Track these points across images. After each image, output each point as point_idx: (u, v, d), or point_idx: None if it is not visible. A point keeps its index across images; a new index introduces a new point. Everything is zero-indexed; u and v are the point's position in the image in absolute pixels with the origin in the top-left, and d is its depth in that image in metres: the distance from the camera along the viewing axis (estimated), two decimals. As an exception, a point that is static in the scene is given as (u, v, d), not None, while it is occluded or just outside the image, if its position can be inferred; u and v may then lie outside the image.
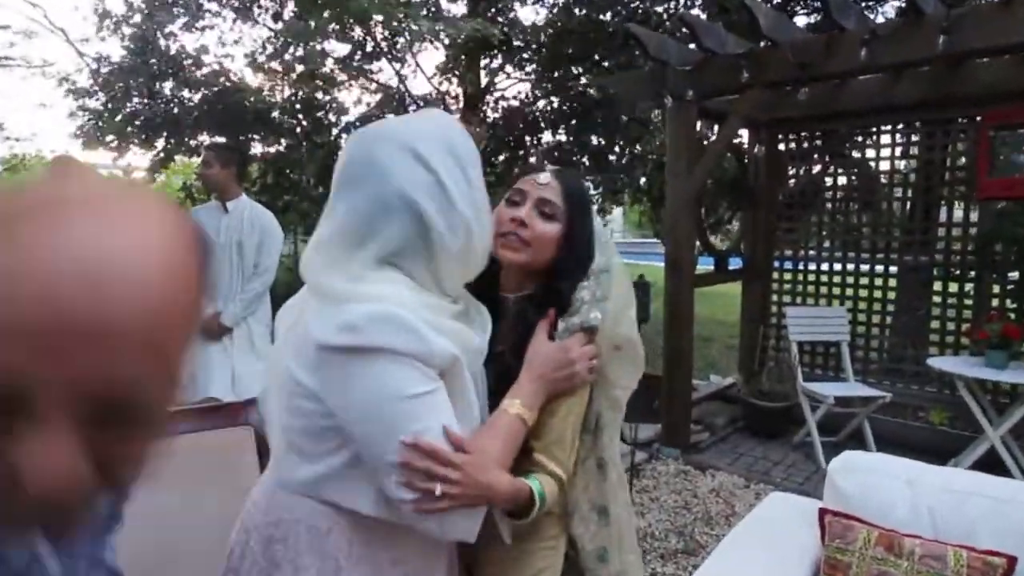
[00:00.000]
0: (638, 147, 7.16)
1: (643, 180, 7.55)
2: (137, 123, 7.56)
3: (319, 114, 7.87)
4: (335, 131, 7.94)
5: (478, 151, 0.95)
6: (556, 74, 6.50)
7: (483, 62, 7.23)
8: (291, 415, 0.92)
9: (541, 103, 7.24)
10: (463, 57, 6.32)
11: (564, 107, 6.92)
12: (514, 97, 7.53)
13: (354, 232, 0.88)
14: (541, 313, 1.04)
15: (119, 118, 7.42)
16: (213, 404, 1.96)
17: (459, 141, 0.92)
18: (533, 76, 7.17)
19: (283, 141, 7.82)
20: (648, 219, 7.98)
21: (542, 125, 7.08)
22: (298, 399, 0.91)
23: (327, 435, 0.90)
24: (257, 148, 8.12)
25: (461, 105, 7.92)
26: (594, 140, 7.08)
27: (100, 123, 7.47)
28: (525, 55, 6.77)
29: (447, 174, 0.88)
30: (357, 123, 7.69)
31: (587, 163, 7.19)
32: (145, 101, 7.49)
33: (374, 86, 8.40)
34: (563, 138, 7.22)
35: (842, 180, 4.53)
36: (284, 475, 0.96)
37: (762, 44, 3.43)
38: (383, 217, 0.87)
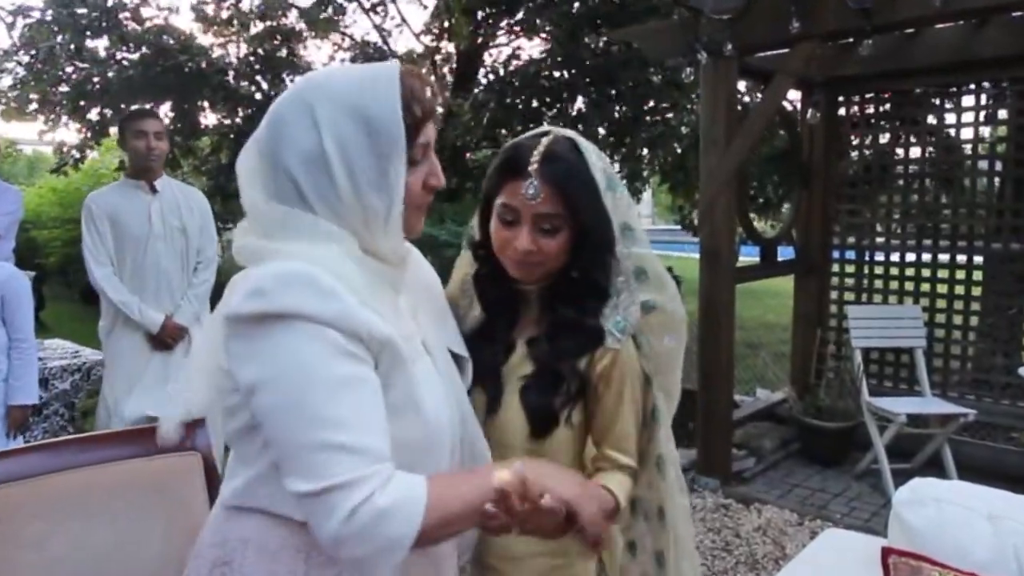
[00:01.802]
0: (671, 114, 7.16)
1: (670, 157, 7.54)
2: (65, 89, 7.60)
3: (283, 76, 7.90)
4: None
5: (417, 117, 0.97)
6: (568, 31, 6.50)
7: (479, 15, 7.24)
8: (226, 417, 0.98)
9: (549, 61, 7.25)
10: (459, 3, 6.33)
11: (583, 69, 6.92)
12: (515, 55, 7.54)
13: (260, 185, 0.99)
14: (570, 304, 1.17)
15: (43, 83, 7.48)
16: (150, 426, 1.98)
17: (378, 102, 0.93)
18: (542, 31, 7.18)
19: (240, 111, 7.85)
20: (684, 201, 7.97)
21: (561, 91, 7.07)
22: (227, 395, 0.96)
23: (255, 433, 0.94)
24: (210, 118, 8.16)
25: (454, 66, 7.95)
26: (619, 109, 7.07)
27: (21, 89, 7.52)
28: (530, 5, 6.77)
29: (335, 141, 0.93)
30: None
31: (609, 138, 7.18)
32: (74, 63, 7.53)
33: (347, 42, 8.44)
34: (582, 107, 7.21)
35: (915, 152, 4.53)
36: (224, 487, 1.02)
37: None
38: (271, 177, 0.96)
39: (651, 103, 6.98)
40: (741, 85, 5.28)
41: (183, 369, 3.01)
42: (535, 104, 7.08)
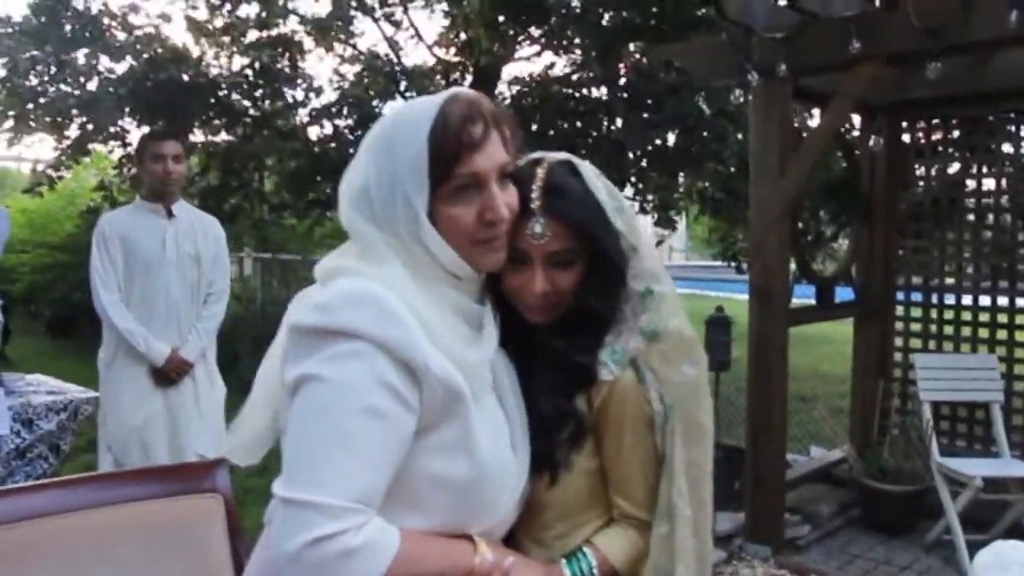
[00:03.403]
0: (719, 145, 7.29)
1: (708, 182, 7.66)
2: (42, 101, 7.85)
3: (283, 90, 8.11)
4: (303, 113, 8.18)
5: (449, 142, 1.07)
6: (602, 45, 6.67)
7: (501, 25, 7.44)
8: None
9: (581, 79, 7.43)
10: (481, 17, 6.52)
11: (620, 88, 7.07)
12: (547, 72, 7.70)
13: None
14: (563, 335, 1.19)
15: (19, 97, 7.72)
16: (171, 465, 2.09)
17: (403, 133, 1.08)
18: (571, 45, 7.36)
19: (235, 128, 8.05)
20: (727, 231, 8.07)
21: (596, 113, 7.21)
22: (285, 410, 1.07)
23: None
24: (197, 135, 8.37)
25: (470, 79, 8.15)
26: (661, 139, 7.21)
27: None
28: (559, 16, 6.95)
29: (375, 174, 1.10)
30: (336, 106, 7.89)
31: (642, 162, 7.31)
32: (53, 72, 7.79)
33: (349, 52, 8.65)
34: (617, 130, 7.33)
35: (989, 183, 4.60)
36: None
37: (878, 4, 3.56)
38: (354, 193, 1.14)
39: (701, 134, 7.11)
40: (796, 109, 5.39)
41: (185, 411, 3.14)
42: (564, 125, 7.23)
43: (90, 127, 7.83)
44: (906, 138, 4.75)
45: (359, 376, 0.99)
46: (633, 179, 7.72)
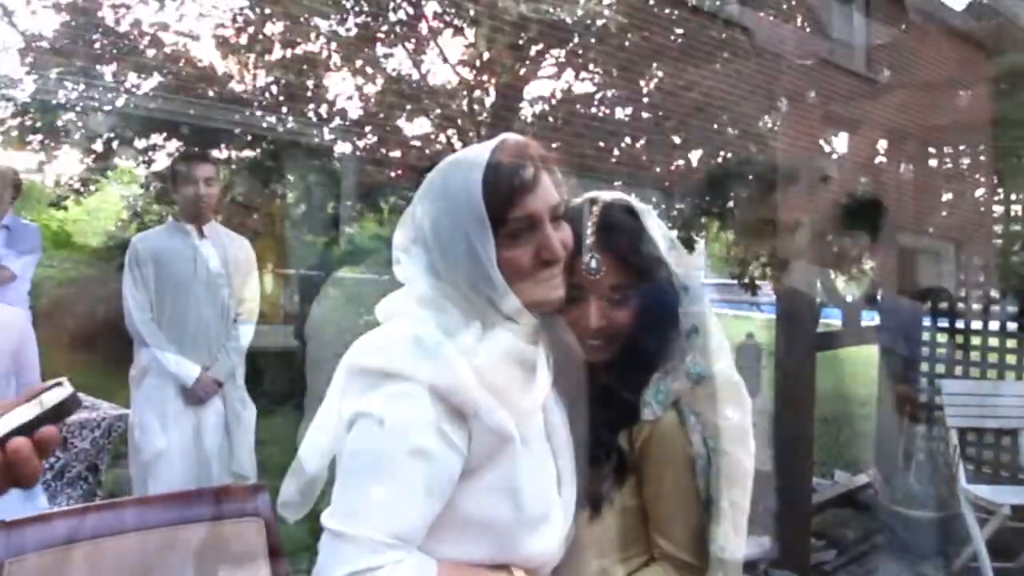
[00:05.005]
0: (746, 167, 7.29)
1: (730, 202, 7.65)
2: (68, 117, 7.99)
3: (307, 108, 8.20)
4: (327, 131, 8.24)
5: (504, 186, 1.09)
6: (621, 65, 6.71)
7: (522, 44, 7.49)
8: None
9: (602, 98, 7.46)
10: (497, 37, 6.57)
11: (642, 108, 7.11)
12: (568, 92, 7.75)
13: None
14: (611, 371, 1.20)
15: (49, 112, 7.85)
16: (213, 488, 2.11)
17: (457, 183, 1.10)
18: (592, 65, 7.41)
19: (258, 146, 8.14)
20: (745, 253, 8.05)
21: (620, 133, 7.25)
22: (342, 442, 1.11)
23: None
24: (223, 153, 8.47)
25: (491, 100, 8.21)
26: (683, 159, 7.24)
27: (25, 117, 7.91)
28: (576, 38, 7.00)
29: (431, 224, 1.13)
30: (362, 126, 7.96)
31: (664, 183, 7.33)
32: (82, 88, 7.92)
33: (372, 71, 8.74)
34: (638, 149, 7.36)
35: (1017, 208, 4.61)
36: None
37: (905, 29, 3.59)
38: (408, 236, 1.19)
39: (726, 155, 7.11)
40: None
41: (215, 432, 3.17)
42: (585, 144, 7.26)
43: (116, 143, 7.93)
44: (933, 162, 4.76)
45: (409, 417, 1.03)
46: (655, 200, 7.74)
